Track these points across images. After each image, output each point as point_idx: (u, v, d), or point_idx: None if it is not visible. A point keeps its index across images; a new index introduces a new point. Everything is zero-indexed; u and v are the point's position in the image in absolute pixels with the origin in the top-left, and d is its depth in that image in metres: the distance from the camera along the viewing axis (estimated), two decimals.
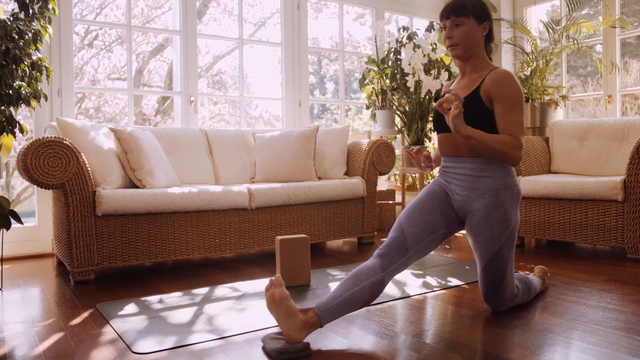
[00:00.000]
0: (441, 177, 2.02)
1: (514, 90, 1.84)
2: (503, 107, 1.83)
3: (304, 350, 1.58)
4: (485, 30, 1.95)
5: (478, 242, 1.88)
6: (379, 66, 4.44)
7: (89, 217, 2.58)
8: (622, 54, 4.40)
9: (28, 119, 4.31)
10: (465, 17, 1.89)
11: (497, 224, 1.85)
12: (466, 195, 1.91)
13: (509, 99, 1.83)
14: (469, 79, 1.96)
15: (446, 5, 1.93)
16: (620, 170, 3.33)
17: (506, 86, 1.84)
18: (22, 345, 1.73)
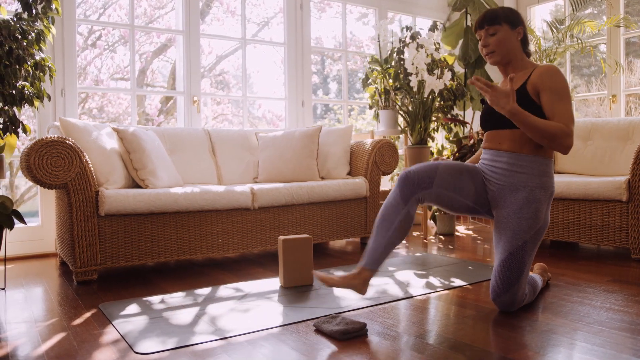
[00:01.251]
0: (480, 166, 2.06)
1: (561, 80, 1.88)
2: (551, 98, 1.87)
3: (362, 329, 1.76)
4: (520, 35, 2.01)
5: (504, 234, 1.91)
6: (382, 66, 4.43)
7: (92, 217, 2.58)
8: (626, 53, 4.38)
9: (31, 119, 4.32)
10: (498, 25, 1.97)
11: (527, 219, 1.88)
12: (501, 187, 1.95)
13: (556, 89, 1.87)
14: (519, 74, 2.01)
15: (480, 16, 2.03)
16: (625, 170, 3.32)
17: (553, 76, 1.88)
18: (25, 345, 1.73)
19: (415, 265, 2.87)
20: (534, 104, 1.90)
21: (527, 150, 1.93)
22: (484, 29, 1.99)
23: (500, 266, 1.91)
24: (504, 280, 1.90)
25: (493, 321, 1.88)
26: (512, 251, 1.88)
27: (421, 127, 4.14)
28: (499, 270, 1.91)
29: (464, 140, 4.45)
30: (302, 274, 2.46)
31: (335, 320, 1.83)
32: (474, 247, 3.48)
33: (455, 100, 4.48)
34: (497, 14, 1.97)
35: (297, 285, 2.45)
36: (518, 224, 1.89)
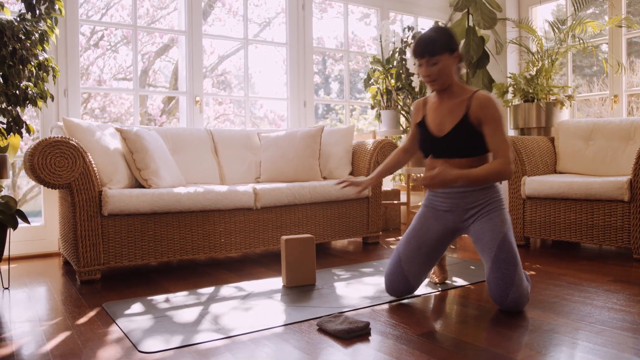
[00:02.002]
0: (432, 197, 2.19)
1: (497, 110, 2.00)
2: (491, 130, 2.00)
3: (365, 328, 1.77)
4: (457, 59, 2.07)
5: (483, 237, 2.02)
6: (384, 66, 4.44)
7: (95, 217, 2.59)
8: (628, 53, 4.38)
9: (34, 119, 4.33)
10: (440, 55, 2.01)
11: (497, 222, 2.03)
12: (463, 209, 2.11)
13: (495, 120, 1.99)
14: (452, 104, 2.09)
15: (418, 44, 2.04)
16: (627, 170, 3.32)
17: (491, 109, 2.00)
18: (29, 344, 1.74)
19: None
20: (477, 132, 2.04)
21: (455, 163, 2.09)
22: (424, 59, 2.02)
23: (494, 264, 1.96)
24: (504, 275, 1.94)
25: (495, 321, 1.88)
26: (498, 245, 1.97)
27: None
28: (496, 268, 1.96)
29: None
30: (305, 273, 2.47)
31: (338, 320, 1.84)
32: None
33: None
34: (437, 45, 2.00)
35: (299, 285, 2.46)
36: (492, 225, 2.02)
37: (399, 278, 2.15)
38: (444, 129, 2.09)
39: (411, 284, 2.15)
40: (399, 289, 2.16)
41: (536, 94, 4.31)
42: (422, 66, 2.05)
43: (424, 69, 2.05)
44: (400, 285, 2.15)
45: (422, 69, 2.05)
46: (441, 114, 2.11)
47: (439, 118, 2.11)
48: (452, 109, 2.08)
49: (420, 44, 2.02)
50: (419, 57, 2.04)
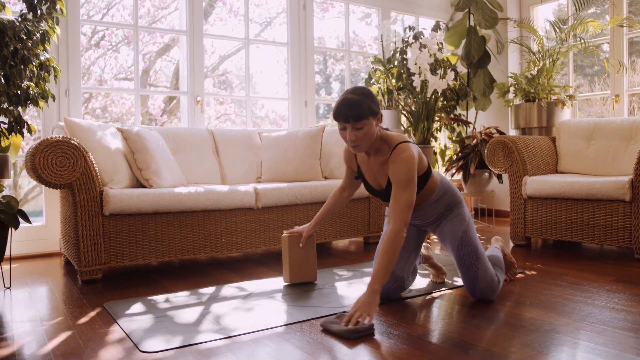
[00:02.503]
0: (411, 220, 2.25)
1: (404, 171, 1.96)
2: (395, 188, 1.98)
3: (370, 328, 1.77)
4: (380, 119, 2.04)
5: (446, 238, 2.16)
6: (385, 66, 4.43)
7: (97, 217, 2.59)
8: (629, 53, 4.38)
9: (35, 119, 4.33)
10: (365, 119, 1.95)
11: (456, 222, 2.15)
12: (424, 222, 2.23)
13: (399, 180, 1.97)
14: (378, 161, 2.08)
15: (342, 108, 1.94)
16: (628, 170, 3.31)
17: (398, 168, 1.97)
18: (31, 344, 1.74)
19: (419, 265, 2.87)
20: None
21: (428, 199, 2.14)
22: (349, 123, 1.94)
23: (458, 262, 2.11)
24: (468, 271, 2.09)
25: (496, 320, 1.88)
26: (459, 242, 2.11)
27: (424, 127, 4.15)
28: (460, 265, 2.11)
29: (467, 140, 4.46)
30: (306, 270, 2.47)
31: (341, 320, 1.83)
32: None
33: (458, 100, 4.49)
34: (362, 111, 1.92)
35: (301, 282, 2.46)
36: (452, 226, 2.15)
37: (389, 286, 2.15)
38: (381, 183, 2.13)
39: (400, 279, 2.16)
40: (390, 290, 2.16)
41: (537, 94, 4.31)
42: (345, 130, 1.97)
43: (348, 134, 1.96)
44: (390, 284, 2.15)
45: (345, 132, 1.97)
46: (372, 170, 2.13)
47: (372, 174, 2.14)
48: (379, 167, 2.09)
49: (345, 108, 1.93)
50: (342, 121, 1.95)
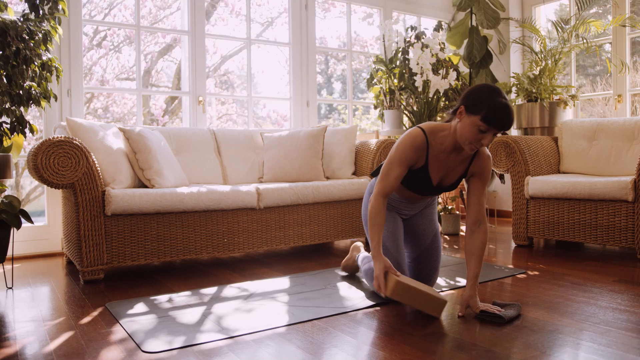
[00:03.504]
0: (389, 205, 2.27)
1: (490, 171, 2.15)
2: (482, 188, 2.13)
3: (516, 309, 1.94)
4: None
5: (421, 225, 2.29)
6: (387, 66, 4.43)
7: (99, 217, 2.59)
8: (632, 53, 4.37)
9: (37, 119, 4.34)
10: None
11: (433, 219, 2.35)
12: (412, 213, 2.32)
13: (487, 181, 2.15)
14: (459, 159, 2.08)
15: (503, 115, 1.81)
16: (631, 170, 3.31)
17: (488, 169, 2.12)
18: (33, 344, 1.74)
19: None
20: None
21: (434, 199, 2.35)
22: (500, 131, 1.86)
23: (427, 251, 2.26)
24: (435, 260, 2.27)
25: None
26: (434, 234, 2.29)
27: None
28: (428, 254, 2.26)
29: None
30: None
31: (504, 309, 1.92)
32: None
33: None
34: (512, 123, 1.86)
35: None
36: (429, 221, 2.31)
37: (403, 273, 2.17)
38: (445, 180, 2.11)
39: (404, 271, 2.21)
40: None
41: (539, 94, 4.30)
42: (487, 133, 1.85)
43: (487, 138, 1.87)
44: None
45: (485, 135, 1.86)
46: (447, 167, 2.07)
47: (444, 171, 2.08)
48: (457, 164, 2.07)
49: (507, 119, 1.82)
50: (495, 127, 1.83)
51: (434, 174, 2.07)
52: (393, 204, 2.26)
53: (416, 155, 2.02)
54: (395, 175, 2.02)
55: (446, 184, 2.11)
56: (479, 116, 1.83)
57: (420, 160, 2.04)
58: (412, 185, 2.12)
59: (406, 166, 2.03)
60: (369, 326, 1.85)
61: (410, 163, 2.03)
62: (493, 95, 1.83)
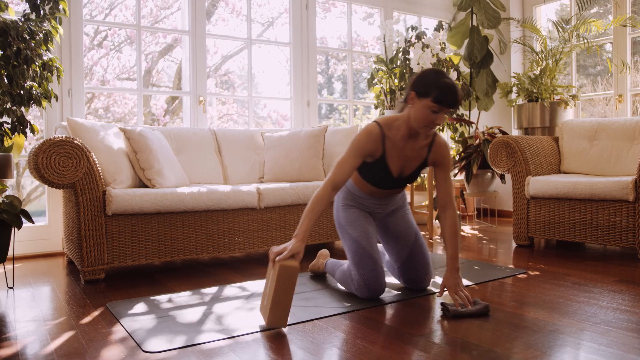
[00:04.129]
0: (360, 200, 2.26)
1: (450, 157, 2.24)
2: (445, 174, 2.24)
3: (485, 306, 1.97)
4: None
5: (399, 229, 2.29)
6: (388, 66, 4.43)
7: (99, 217, 2.59)
8: (632, 52, 4.36)
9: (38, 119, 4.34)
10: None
11: (410, 220, 2.35)
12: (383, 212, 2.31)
13: (449, 167, 2.23)
14: (416, 147, 2.14)
15: (452, 94, 1.93)
16: (631, 170, 3.31)
17: (449, 155, 2.23)
18: (34, 344, 1.75)
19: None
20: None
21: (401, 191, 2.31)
22: (449, 110, 1.97)
23: (414, 249, 2.26)
24: (424, 256, 2.27)
25: (499, 321, 1.88)
26: (416, 232, 2.30)
27: None
28: (416, 252, 2.25)
29: (470, 140, 4.45)
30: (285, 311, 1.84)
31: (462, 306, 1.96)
32: (479, 247, 3.48)
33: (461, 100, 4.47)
34: (461, 98, 1.98)
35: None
36: (407, 222, 2.32)
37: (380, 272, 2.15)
38: (405, 171, 2.15)
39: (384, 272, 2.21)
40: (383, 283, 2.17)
41: (540, 94, 4.30)
42: (439, 113, 1.96)
43: (440, 118, 1.97)
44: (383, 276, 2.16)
45: (438, 116, 1.96)
46: (405, 156, 2.13)
47: (402, 161, 2.13)
48: (416, 152, 2.13)
49: (455, 96, 1.94)
50: (446, 106, 1.94)
51: (392, 165, 2.12)
52: (362, 202, 2.26)
53: (372, 146, 2.07)
54: (348, 165, 2.04)
55: (406, 174, 2.16)
56: (430, 98, 1.94)
57: (377, 151, 2.08)
58: (374, 178, 2.15)
59: (361, 157, 2.06)
60: (370, 326, 1.85)
61: (366, 153, 2.07)
62: (440, 77, 1.95)
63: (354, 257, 2.16)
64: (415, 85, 1.99)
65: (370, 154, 2.08)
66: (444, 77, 1.95)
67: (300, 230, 1.92)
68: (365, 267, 2.12)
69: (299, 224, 1.96)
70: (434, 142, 2.15)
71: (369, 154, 2.08)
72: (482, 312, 1.94)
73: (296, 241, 1.88)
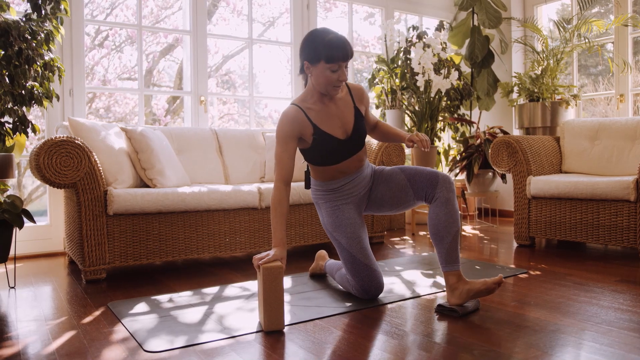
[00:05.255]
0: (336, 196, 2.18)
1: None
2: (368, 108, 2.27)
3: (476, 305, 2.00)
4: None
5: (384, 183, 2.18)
6: (389, 65, 4.43)
7: (101, 216, 2.59)
8: (634, 52, 4.36)
9: (40, 119, 4.34)
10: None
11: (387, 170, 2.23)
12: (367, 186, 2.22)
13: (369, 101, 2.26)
14: (339, 102, 2.13)
15: (340, 47, 1.96)
16: (633, 170, 3.30)
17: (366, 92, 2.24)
18: (35, 343, 1.75)
19: (422, 264, 2.87)
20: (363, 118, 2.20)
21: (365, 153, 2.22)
22: (345, 62, 1.99)
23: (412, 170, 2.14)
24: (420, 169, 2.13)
25: (500, 321, 1.88)
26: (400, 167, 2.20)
27: (428, 126, 4.14)
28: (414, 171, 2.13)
29: (471, 140, 4.45)
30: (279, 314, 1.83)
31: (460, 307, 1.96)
32: (480, 247, 3.48)
33: (462, 100, 4.48)
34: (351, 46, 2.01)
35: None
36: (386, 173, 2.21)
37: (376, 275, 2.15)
38: (348, 129, 2.11)
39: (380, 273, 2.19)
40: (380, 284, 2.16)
41: (541, 94, 4.30)
42: (337, 71, 1.98)
43: (342, 73, 1.99)
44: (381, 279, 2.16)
45: (337, 73, 1.99)
46: (336, 116, 2.10)
47: (336, 119, 2.10)
48: (344, 107, 2.12)
49: (344, 47, 1.96)
50: (341, 60, 1.96)
51: (331, 129, 2.08)
52: (340, 190, 2.17)
53: (297, 126, 2.04)
54: (286, 154, 2.02)
55: (350, 131, 2.12)
56: (323, 61, 1.96)
57: (306, 127, 2.05)
58: (327, 154, 2.09)
59: (291, 141, 2.04)
60: (371, 326, 1.85)
61: (294, 135, 2.04)
62: (322, 37, 1.97)
63: (347, 265, 2.15)
64: (304, 54, 2.02)
65: (299, 134, 2.05)
66: (325, 35, 1.97)
67: (277, 239, 1.93)
68: (359, 273, 2.12)
69: (273, 233, 1.95)
70: (350, 88, 2.18)
71: (297, 135, 2.05)
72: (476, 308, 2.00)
73: (277, 249, 1.89)
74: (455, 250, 2.01)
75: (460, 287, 1.98)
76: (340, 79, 1.99)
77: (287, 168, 2.01)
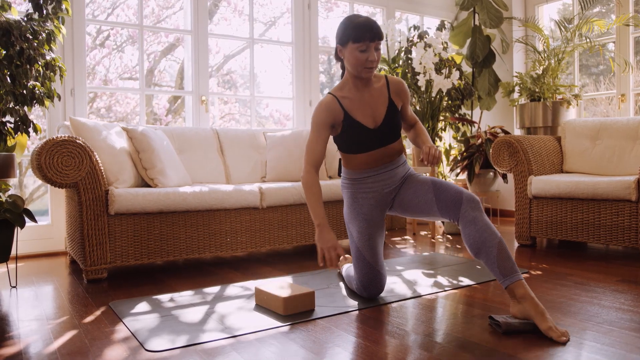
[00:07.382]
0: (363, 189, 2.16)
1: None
2: (408, 105, 2.23)
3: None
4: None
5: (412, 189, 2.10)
6: (390, 65, 4.43)
7: (102, 216, 2.60)
8: (635, 52, 4.36)
9: (41, 119, 4.35)
10: (382, 40, 2.01)
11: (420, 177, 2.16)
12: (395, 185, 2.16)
13: (409, 97, 2.22)
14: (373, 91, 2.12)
15: (369, 27, 1.96)
16: (634, 170, 3.30)
17: (407, 88, 2.19)
18: (37, 343, 1.75)
19: (423, 264, 2.87)
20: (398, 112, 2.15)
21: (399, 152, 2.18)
22: (374, 42, 1.97)
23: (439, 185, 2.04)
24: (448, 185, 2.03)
25: None
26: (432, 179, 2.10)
27: (429, 126, 4.14)
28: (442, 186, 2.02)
29: (472, 140, 4.45)
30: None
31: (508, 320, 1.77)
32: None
33: (463, 100, 4.48)
34: (380, 29, 1.99)
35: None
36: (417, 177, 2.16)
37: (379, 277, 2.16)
38: (377, 119, 2.09)
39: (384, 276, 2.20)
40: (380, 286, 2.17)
41: (542, 93, 4.29)
42: (366, 52, 1.98)
43: (372, 53, 1.98)
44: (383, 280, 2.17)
45: (367, 54, 1.98)
46: (368, 104, 2.10)
47: (369, 109, 2.09)
48: (378, 96, 2.11)
49: (371, 27, 1.96)
50: (369, 40, 1.96)
51: (361, 117, 2.08)
52: (362, 182, 2.15)
53: (330, 114, 2.07)
54: (318, 141, 2.07)
55: (380, 121, 2.09)
56: (351, 41, 1.98)
57: (338, 114, 2.07)
58: (355, 144, 2.10)
59: (324, 129, 2.07)
60: (372, 325, 1.85)
61: (328, 123, 2.07)
62: (351, 20, 2.00)
63: (354, 260, 2.19)
64: (337, 40, 2.05)
65: (333, 122, 2.08)
66: (355, 18, 2.00)
67: (320, 217, 2.00)
68: (362, 270, 2.15)
69: (313, 212, 2.01)
70: (388, 80, 2.15)
71: (331, 122, 2.08)
72: (532, 329, 1.74)
73: (325, 231, 1.97)
74: (505, 260, 1.81)
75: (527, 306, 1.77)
76: (369, 59, 1.99)
77: (317, 154, 2.07)
